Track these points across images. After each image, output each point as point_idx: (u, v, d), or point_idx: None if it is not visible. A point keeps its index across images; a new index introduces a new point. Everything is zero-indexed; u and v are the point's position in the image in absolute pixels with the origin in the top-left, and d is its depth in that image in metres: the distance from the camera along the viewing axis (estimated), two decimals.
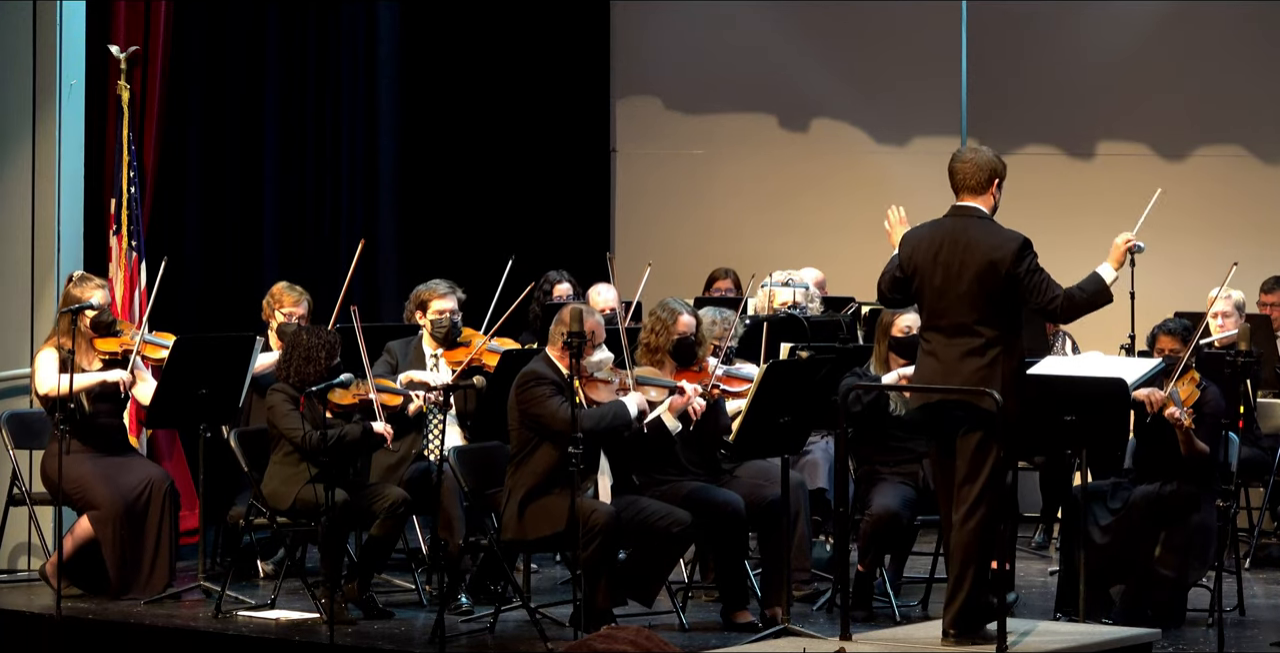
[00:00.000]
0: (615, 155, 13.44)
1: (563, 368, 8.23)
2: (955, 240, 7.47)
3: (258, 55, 11.89)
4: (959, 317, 7.42)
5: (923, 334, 7.56)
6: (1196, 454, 8.44)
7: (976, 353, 7.39)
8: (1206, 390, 8.57)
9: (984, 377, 7.36)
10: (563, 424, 8.00)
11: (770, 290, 10.20)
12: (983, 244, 7.43)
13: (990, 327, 7.40)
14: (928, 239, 7.53)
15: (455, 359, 9.33)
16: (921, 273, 7.49)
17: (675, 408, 8.41)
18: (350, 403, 8.73)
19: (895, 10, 12.95)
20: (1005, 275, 7.38)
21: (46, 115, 10.03)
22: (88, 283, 9.21)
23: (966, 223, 7.51)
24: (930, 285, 7.47)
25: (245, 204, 11.81)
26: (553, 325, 8.41)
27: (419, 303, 9.47)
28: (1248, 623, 8.63)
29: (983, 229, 7.50)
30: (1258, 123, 12.57)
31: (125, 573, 9.01)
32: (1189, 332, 8.72)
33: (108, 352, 9.20)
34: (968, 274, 7.40)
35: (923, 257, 7.50)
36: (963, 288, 7.41)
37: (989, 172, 7.58)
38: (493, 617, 8.32)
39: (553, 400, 8.10)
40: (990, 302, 7.40)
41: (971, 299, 7.40)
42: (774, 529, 8.45)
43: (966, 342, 7.40)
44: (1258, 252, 12.07)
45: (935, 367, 7.45)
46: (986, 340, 7.39)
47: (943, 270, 7.44)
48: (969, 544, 7.39)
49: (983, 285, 7.39)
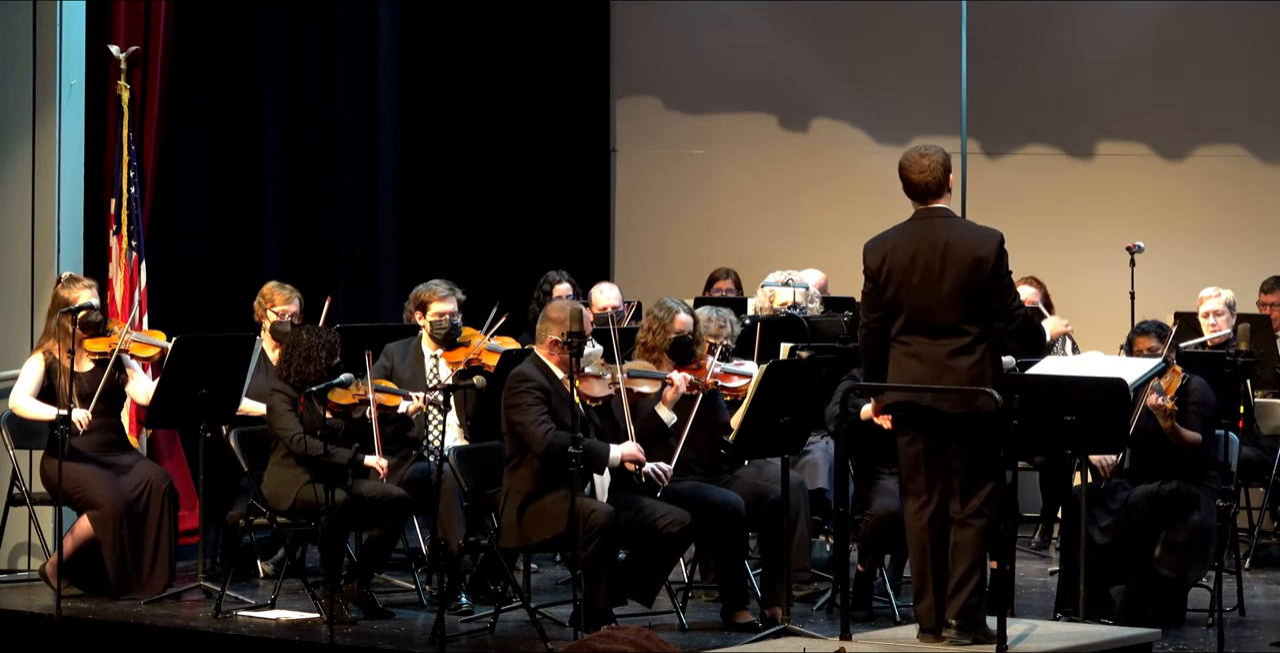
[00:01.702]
0: (615, 155, 13.44)
1: (552, 367, 8.25)
2: (932, 242, 7.42)
3: (258, 55, 11.88)
4: (943, 317, 7.39)
5: (899, 337, 7.49)
6: (1188, 446, 8.45)
7: (964, 351, 7.38)
8: (1191, 381, 8.59)
9: (977, 374, 7.35)
10: (537, 443, 8.03)
11: (770, 290, 10.20)
12: (964, 242, 7.41)
13: (974, 324, 7.38)
14: (901, 243, 7.48)
15: (455, 360, 9.34)
16: (896, 276, 7.45)
17: (668, 400, 8.44)
18: (350, 403, 8.73)
19: (895, 10, 12.95)
20: (989, 272, 7.37)
21: (46, 115, 10.03)
22: (76, 284, 9.21)
23: (939, 223, 7.48)
24: (908, 287, 7.42)
25: (245, 204, 11.81)
26: (539, 324, 8.43)
27: (418, 304, 9.47)
28: (1248, 623, 8.64)
29: (958, 227, 7.50)
30: (1258, 123, 12.57)
31: (125, 573, 9.01)
32: (1163, 329, 8.75)
33: (97, 351, 9.20)
34: (950, 273, 7.37)
35: (897, 260, 7.44)
36: (945, 288, 7.37)
37: (944, 169, 7.55)
38: (493, 617, 8.32)
39: (533, 410, 8.09)
40: (973, 299, 7.37)
41: (955, 298, 7.37)
42: (774, 529, 8.45)
43: (952, 341, 7.38)
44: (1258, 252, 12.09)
45: (921, 368, 7.42)
46: (974, 338, 7.38)
47: (922, 272, 7.40)
48: (976, 542, 7.39)
49: (966, 283, 7.36)
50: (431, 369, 9.38)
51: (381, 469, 8.60)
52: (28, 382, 9.14)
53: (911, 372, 7.44)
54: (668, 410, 8.46)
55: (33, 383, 9.13)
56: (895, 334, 7.49)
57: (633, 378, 8.43)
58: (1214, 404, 8.54)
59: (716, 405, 8.71)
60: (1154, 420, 8.48)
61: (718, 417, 8.67)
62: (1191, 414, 8.51)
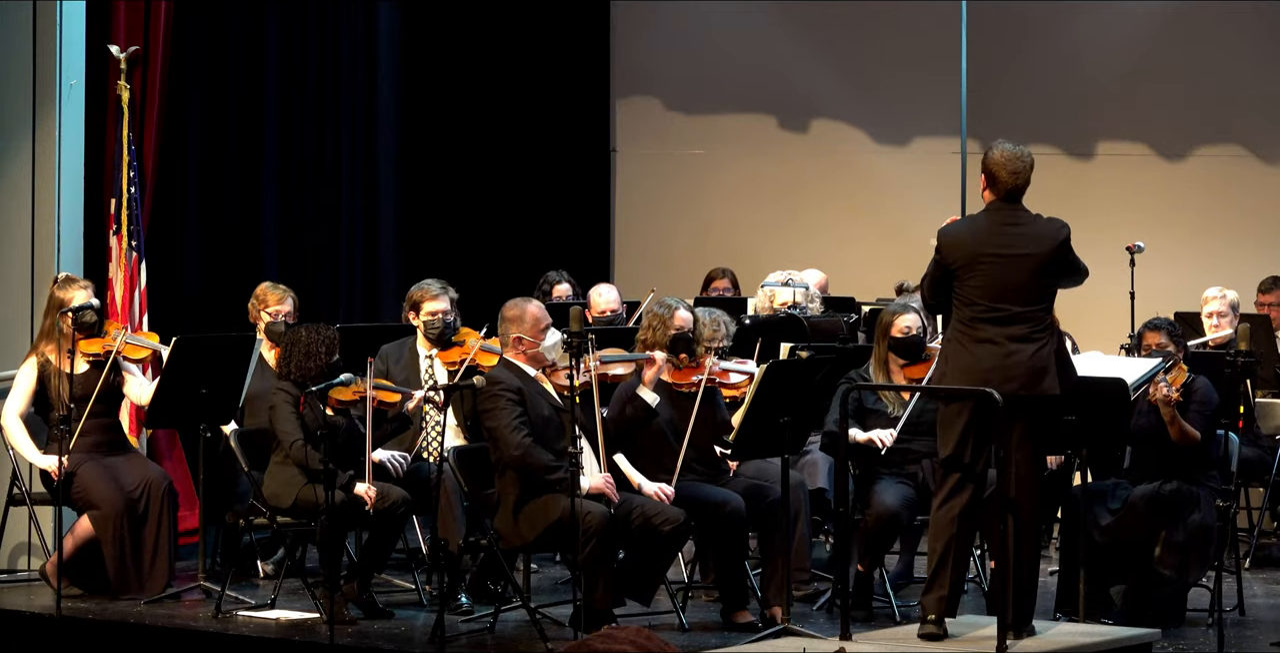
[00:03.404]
0: (615, 155, 13.45)
1: (521, 366, 8.28)
2: (1011, 232, 7.58)
3: (258, 55, 11.89)
4: (1018, 304, 7.52)
5: (974, 324, 7.55)
6: (1188, 441, 8.45)
7: (1032, 338, 7.51)
8: (1195, 380, 8.59)
9: (1045, 358, 7.47)
10: (509, 449, 8.05)
11: (770, 290, 10.20)
12: (1043, 234, 7.59)
13: (1045, 312, 7.58)
14: (981, 232, 7.61)
15: (449, 360, 9.33)
16: (974, 265, 7.55)
17: (649, 380, 8.45)
18: (351, 399, 8.74)
19: (895, 10, 12.96)
20: (1062, 260, 7.57)
21: (46, 115, 10.03)
22: (72, 285, 9.21)
23: (1014, 215, 7.64)
24: (994, 277, 7.53)
25: (245, 204, 11.81)
26: (499, 326, 8.44)
27: (411, 304, 9.47)
28: (1248, 623, 8.63)
29: (1033, 219, 7.66)
30: (1258, 123, 12.58)
31: (125, 573, 9.01)
32: (1174, 327, 8.77)
33: (91, 353, 9.20)
34: (1030, 262, 7.53)
35: (974, 249, 7.56)
36: (1023, 276, 7.52)
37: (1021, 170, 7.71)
38: (493, 617, 8.32)
39: (504, 414, 8.11)
40: (1046, 288, 7.57)
41: (1031, 286, 7.53)
42: (774, 529, 8.44)
43: (1022, 329, 7.50)
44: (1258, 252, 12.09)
45: (996, 352, 7.50)
46: (1041, 325, 7.55)
47: (1002, 261, 7.53)
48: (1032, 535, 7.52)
49: (1043, 272, 7.55)
50: (427, 370, 9.37)
51: (370, 499, 8.56)
52: (18, 397, 9.16)
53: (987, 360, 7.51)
54: (649, 391, 8.46)
55: (23, 399, 9.15)
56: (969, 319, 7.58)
57: (607, 363, 8.44)
58: (1216, 404, 8.54)
59: (716, 404, 8.71)
60: (1154, 419, 8.47)
61: (716, 414, 8.67)
62: (1193, 413, 8.51)
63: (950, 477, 7.53)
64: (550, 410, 8.21)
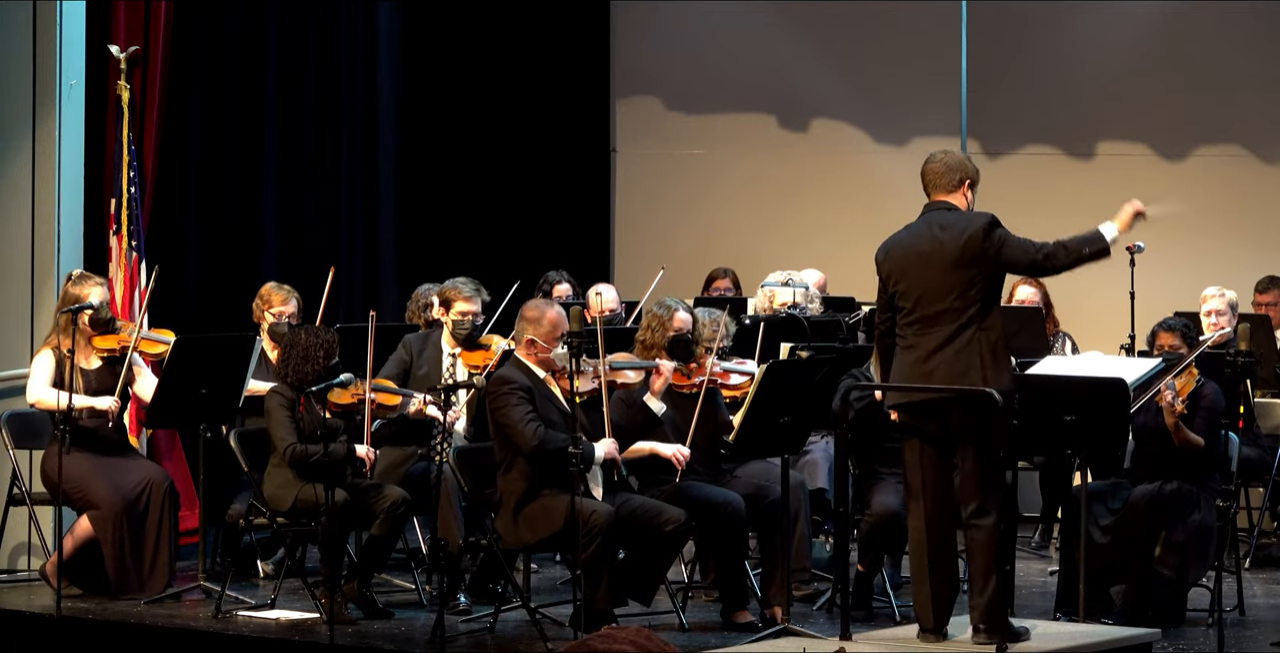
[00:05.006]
0: (615, 155, 13.44)
1: (532, 367, 8.27)
2: (930, 232, 7.47)
3: (258, 55, 11.89)
4: (937, 304, 7.40)
5: (904, 331, 7.49)
6: (1190, 446, 8.45)
7: (952, 339, 7.37)
8: (1205, 386, 8.58)
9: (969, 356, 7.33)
10: (526, 440, 8.03)
11: (770, 290, 10.20)
12: (955, 226, 7.43)
13: (967, 308, 7.38)
14: (904, 240, 7.54)
15: (473, 362, 9.32)
16: (902, 270, 7.49)
17: (656, 390, 8.44)
18: (349, 403, 8.73)
19: (895, 10, 12.95)
20: (979, 252, 7.38)
21: (46, 115, 10.03)
22: (87, 281, 9.23)
23: (937, 215, 7.53)
24: (911, 279, 7.45)
25: (245, 204, 11.81)
26: (516, 324, 8.44)
27: (443, 300, 9.46)
28: (1248, 623, 8.63)
29: (954, 215, 7.51)
30: (1258, 123, 12.57)
31: (125, 573, 9.01)
32: (1188, 329, 8.75)
33: (106, 349, 9.21)
34: (945, 258, 7.40)
35: (900, 254, 7.50)
36: (937, 272, 7.40)
37: (959, 172, 7.58)
38: (493, 617, 8.32)
39: (518, 410, 8.10)
40: (968, 281, 7.39)
41: (951, 281, 7.39)
42: (774, 529, 8.45)
43: (942, 329, 7.39)
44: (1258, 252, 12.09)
45: (912, 358, 7.43)
46: (959, 324, 7.38)
47: (922, 261, 7.44)
48: (990, 540, 7.41)
49: (958, 267, 7.38)
50: (449, 367, 9.37)
51: (369, 460, 8.59)
52: (42, 375, 9.12)
53: (904, 366, 7.45)
54: (657, 400, 8.46)
55: (47, 376, 9.11)
56: (898, 328, 7.53)
57: (616, 369, 8.43)
58: (1223, 410, 8.53)
59: (716, 404, 8.71)
60: (1156, 419, 8.47)
61: (717, 414, 8.67)
62: (1199, 418, 8.49)
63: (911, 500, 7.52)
64: (557, 414, 8.19)
